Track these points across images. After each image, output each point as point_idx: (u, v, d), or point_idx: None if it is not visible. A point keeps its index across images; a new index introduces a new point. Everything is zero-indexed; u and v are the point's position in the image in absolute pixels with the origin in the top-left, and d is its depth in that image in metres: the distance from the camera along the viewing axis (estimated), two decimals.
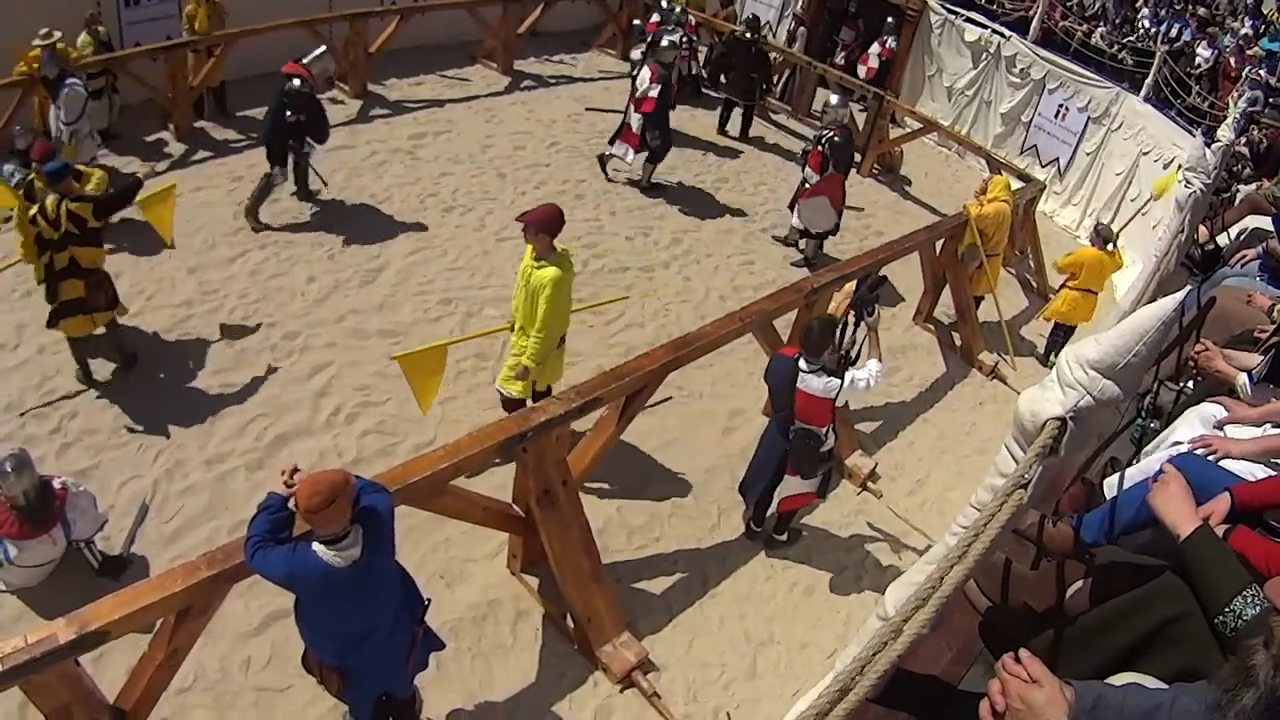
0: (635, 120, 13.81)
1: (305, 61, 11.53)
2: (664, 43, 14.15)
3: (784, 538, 8.47)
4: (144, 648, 5.49)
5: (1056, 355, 11.90)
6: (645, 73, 13.63)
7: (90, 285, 8.47)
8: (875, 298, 7.72)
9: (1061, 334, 12.39)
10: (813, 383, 7.35)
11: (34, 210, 8.07)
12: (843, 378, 7.31)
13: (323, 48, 11.45)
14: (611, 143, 14.31)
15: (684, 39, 16.08)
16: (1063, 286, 12.17)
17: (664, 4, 17.12)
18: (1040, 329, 13.14)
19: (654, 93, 13.53)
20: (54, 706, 4.94)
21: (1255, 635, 2.40)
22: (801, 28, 20.06)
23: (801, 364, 7.39)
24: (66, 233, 8.14)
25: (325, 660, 5.27)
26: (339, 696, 5.58)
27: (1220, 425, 4.67)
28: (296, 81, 11.19)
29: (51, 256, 8.24)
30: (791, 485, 7.93)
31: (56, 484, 6.88)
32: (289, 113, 11.33)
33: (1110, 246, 11.90)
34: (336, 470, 4.86)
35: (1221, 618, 2.85)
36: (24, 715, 5.76)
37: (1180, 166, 13.33)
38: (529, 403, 7.96)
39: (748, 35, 16.19)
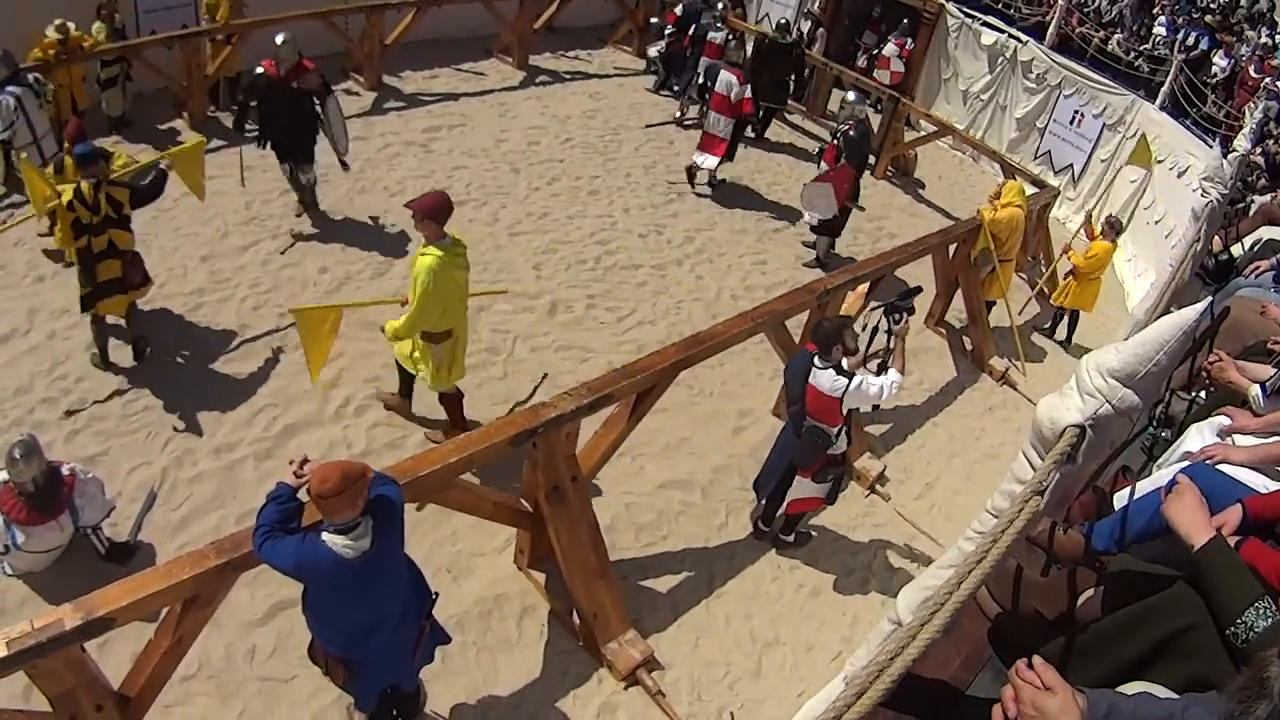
0: (724, 127, 14.02)
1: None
2: (726, 42, 14.77)
3: (791, 539, 8.46)
4: (148, 635, 5.51)
5: (1071, 335, 12.12)
6: (730, 77, 13.74)
7: (126, 264, 8.53)
8: (908, 308, 7.69)
9: (1071, 317, 12.88)
10: (821, 379, 7.33)
11: (69, 196, 8.07)
12: (851, 379, 7.30)
13: (279, 37, 11.23)
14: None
15: (729, 36, 16.14)
16: (1069, 275, 12.25)
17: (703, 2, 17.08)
18: (1048, 325, 13.15)
19: (748, 94, 13.89)
20: (59, 691, 4.95)
21: (1268, 647, 2.39)
22: (821, 29, 20.02)
23: (815, 360, 7.40)
24: (106, 216, 8.18)
25: (331, 651, 5.26)
26: (344, 688, 5.58)
27: (1225, 434, 4.67)
28: (259, 69, 11.07)
29: (90, 240, 8.25)
30: (802, 488, 7.94)
31: (65, 471, 6.88)
32: (251, 101, 11.25)
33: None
34: (356, 461, 4.87)
35: (1233, 629, 2.84)
36: (28, 698, 5.77)
37: (1142, 135, 13.54)
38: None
39: (786, 39, 16.17)
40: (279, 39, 11.11)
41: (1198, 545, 3.08)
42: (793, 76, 16.81)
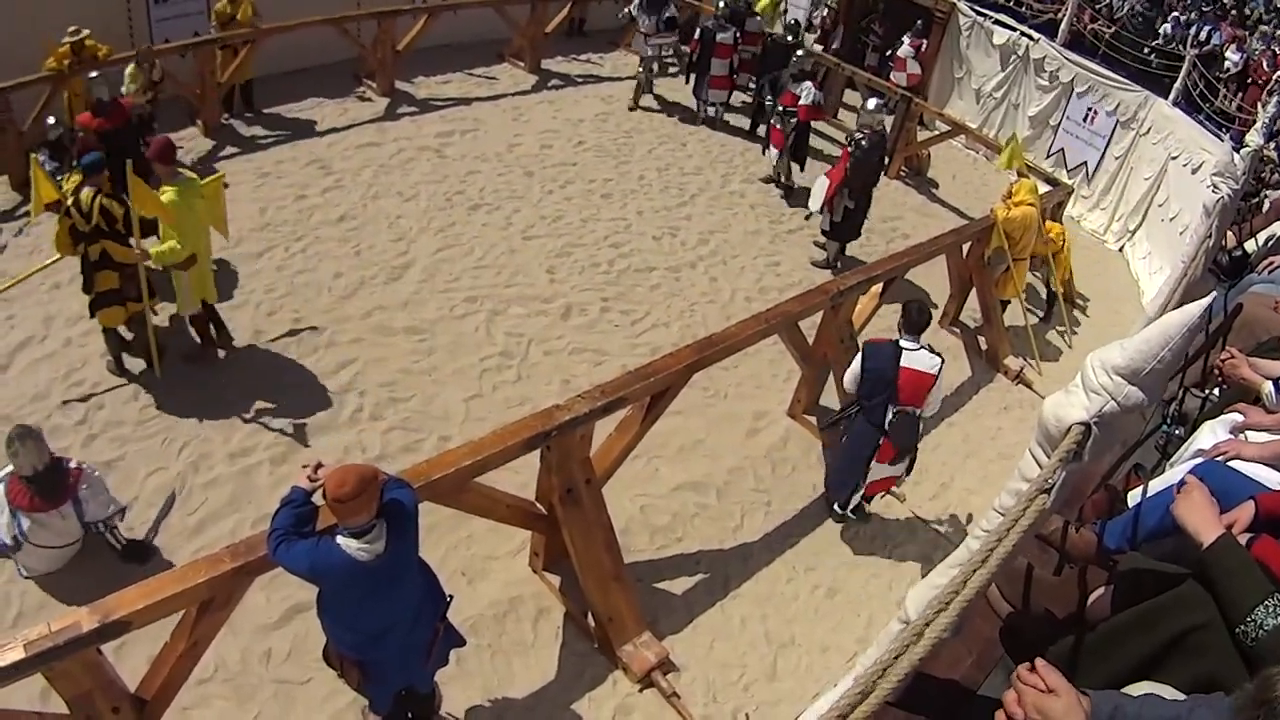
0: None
1: None
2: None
3: (855, 516, 8.86)
4: (165, 638, 5.54)
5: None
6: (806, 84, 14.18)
7: (124, 277, 8.56)
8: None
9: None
10: (920, 359, 7.84)
11: (69, 202, 8.18)
12: (941, 356, 7.78)
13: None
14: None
15: (736, 35, 16.17)
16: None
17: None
18: (1065, 334, 13.10)
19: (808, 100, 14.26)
20: (75, 694, 4.99)
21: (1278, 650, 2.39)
22: (839, 26, 19.98)
23: (904, 343, 7.89)
24: (97, 226, 8.23)
25: (346, 654, 5.29)
26: (359, 690, 5.60)
27: (1237, 431, 4.64)
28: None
29: (85, 249, 8.35)
30: (879, 471, 8.30)
31: (71, 464, 7.02)
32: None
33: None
34: (365, 464, 4.89)
35: (1243, 627, 2.82)
36: (46, 700, 5.81)
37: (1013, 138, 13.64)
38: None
39: (788, 39, 16.11)
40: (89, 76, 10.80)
41: (1206, 543, 3.06)
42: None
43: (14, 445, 6.66)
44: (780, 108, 14.26)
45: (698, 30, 16.59)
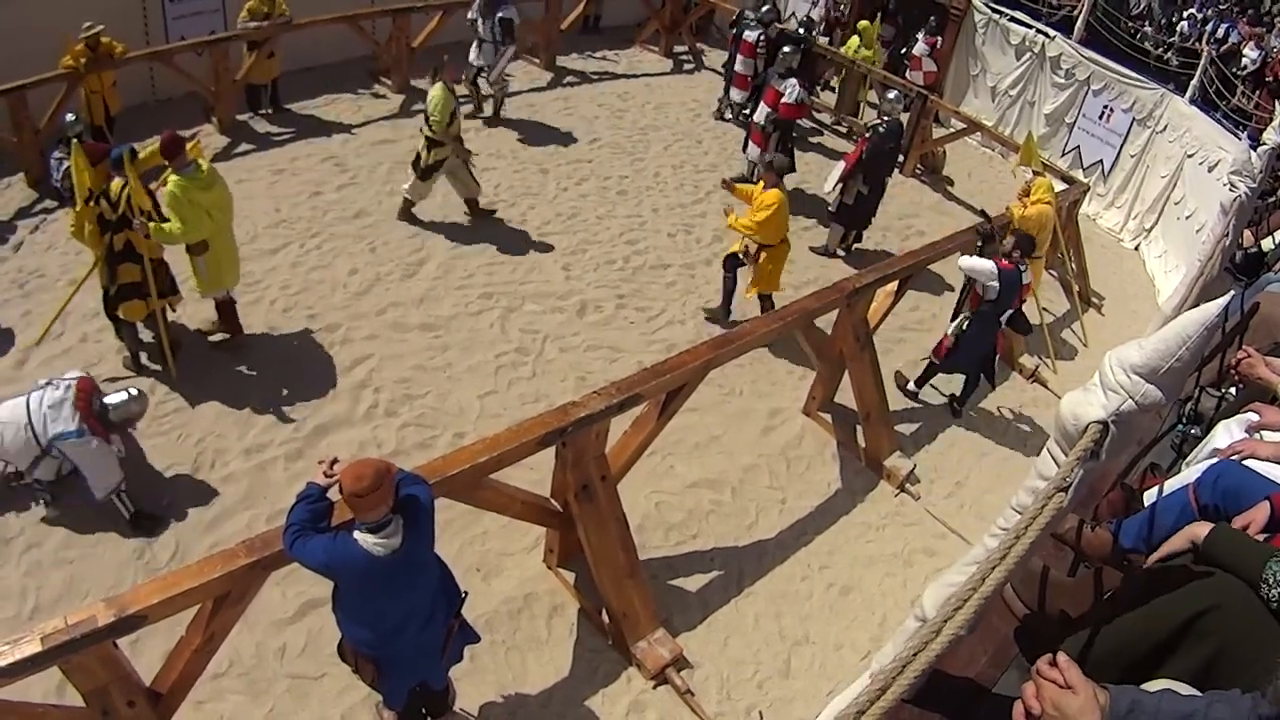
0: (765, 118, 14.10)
1: None
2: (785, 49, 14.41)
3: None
4: (180, 632, 5.56)
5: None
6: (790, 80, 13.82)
7: (145, 271, 8.61)
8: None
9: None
10: (1027, 277, 10.00)
11: (100, 191, 8.31)
12: None
13: None
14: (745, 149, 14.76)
15: (760, 36, 16.06)
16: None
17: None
18: (1079, 333, 13.07)
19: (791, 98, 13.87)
20: (92, 687, 5.01)
21: None
22: (841, 22, 19.92)
23: (1020, 265, 9.80)
24: (123, 216, 8.31)
25: (361, 649, 5.29)
26: (373, 686, 5.61)
27: (1253, 431, 4.63)
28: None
29: (111, 238, 8.44)
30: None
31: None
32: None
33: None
34: (380, 459, 4.91)
35: (1264, 588, 2.87)
36: (62, 694, 5.84)
37: (1029, 134, 13.55)
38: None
39: (799, 33, 16.05)
40: None
41: (1203, 540, 3.11)
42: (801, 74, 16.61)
43: (138, 394, 7.60)
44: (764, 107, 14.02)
45: (733, 27, 16.50)
